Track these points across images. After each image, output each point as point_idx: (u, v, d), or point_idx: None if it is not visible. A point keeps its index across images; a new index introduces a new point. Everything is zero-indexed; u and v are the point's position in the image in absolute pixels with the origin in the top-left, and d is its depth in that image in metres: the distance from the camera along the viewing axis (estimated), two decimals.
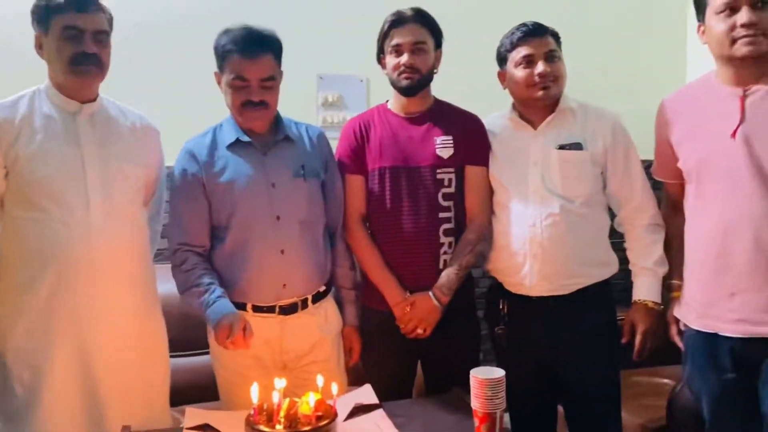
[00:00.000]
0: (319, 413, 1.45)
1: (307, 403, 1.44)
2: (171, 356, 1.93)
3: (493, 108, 2.05)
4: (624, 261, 1.96)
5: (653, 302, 1.87)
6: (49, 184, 1.63)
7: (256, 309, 1.81)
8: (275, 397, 1.43)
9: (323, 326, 1.89)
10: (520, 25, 1.91)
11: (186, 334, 2.26)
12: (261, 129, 1.84)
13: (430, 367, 2.05)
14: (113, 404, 1.69)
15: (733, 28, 1.55)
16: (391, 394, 1.87)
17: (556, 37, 1.92)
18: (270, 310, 1.81)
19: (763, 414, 1.57)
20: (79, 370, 1.66)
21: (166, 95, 2.67)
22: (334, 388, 1.51)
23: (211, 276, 1.78)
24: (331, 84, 2.87)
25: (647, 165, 1.91)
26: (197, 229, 1.81)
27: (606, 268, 1.94)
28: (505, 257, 1.93)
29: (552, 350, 1.90)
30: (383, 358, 1.97)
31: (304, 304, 1.84)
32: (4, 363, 1.65)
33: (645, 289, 1.89)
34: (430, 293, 1.89)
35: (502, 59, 1.96)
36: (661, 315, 1.86)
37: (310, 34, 2.78)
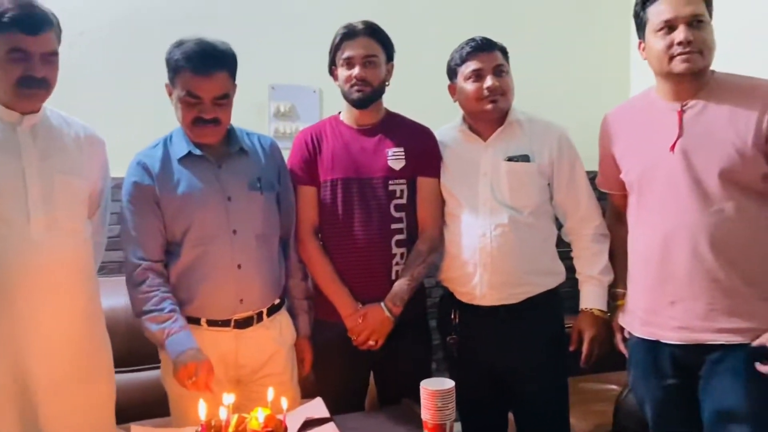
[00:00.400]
0: (269, 428, 1.43)
1: (256, 418, 1.42)
2: (118, 372, 1.88)
3: (445, 120, 2.09)
4: (571, 270, 2.00)
5: (599, 310, 1.91)
6: None
7: (211, 323, 1.78)
8: (223, 413, 1.41)
9: (278, 339, 1.87)
10: (470, 40, 1.95)
11: (133, 348, 2.22)
12: (213, 142, 1.81)
13: (382, 379, 2.05)
14: (55, 425, 1.62)
15: (670, 45, 1.60)
16: (343, 406, 1.87)
17: (504, 52, 1.97)
18: (225, 324, 1.78)
19: (703, 420, 1.62)
20: (16, 388, 1.59)
21: (112, 105, 2.61)
22: (284, 402, 1.49)
23: (172, 301, 1.73)
24: (284, 94, 2.86)
25: (592, 176, 1.96)
26: (154, 243, 1.76)
27: (553, 276, 1.98)
28: (456, 267, 1.96)
29: (502, 359, 1.93)
30: (336, 371, 1.96)
31: (260, 317, 1.83)
32: None
33: (591, 298, 1.93)
34: (382, 304, 1.89)
35: (452, 73, 1.99)
36: (607, 323, 1.90)
37: (263, 44, 2.76)
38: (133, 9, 2.67)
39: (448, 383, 1.49)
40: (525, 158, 1.93)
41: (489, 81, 1.89)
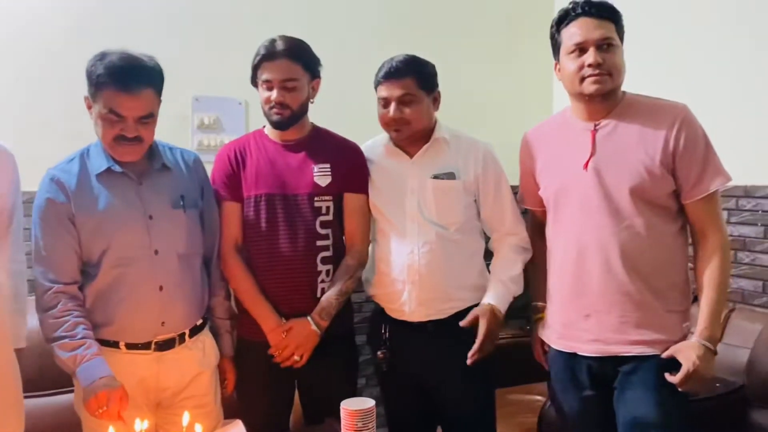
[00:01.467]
0: None
1: None
2: (29, 396, 1.81)
3: (372, 133, 2.07)
4: None
5: (499, 310, 1.89)
6: None
7: (130, 346, 1.71)
8: None
9: (202, 360, 1.82)
10: (386, 62, 1.93)
11: (45, 371, 2.10)
12: (134, 160, 1.73)
13: (307, 396, 2.02)
14: None
15: (581, 67, 1.66)
16: (267, 426, 1.84)
17: (422, 76, 1.92)
18: (145, 347, 1.71)
19: (618, 430, 1.67)
20: None
21: (21, 116, 2.49)
22: (198, 428, 1.44)
23: (85, 326, 1.64)
24: (208, 106, 2.80)
25: (516, 191, 2.00)
26: (67, 265, 1.66)
27: (481, 291, 1.98)
28: (386, 284, 1.96)
29: (430, 372, 1.94)
30: (259, 390, 1.93)
31: (182, 338, 1.77)
32: None
33: (494, 296, 1.89)
34: (309, 318, 1.87)
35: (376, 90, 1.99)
36: (501, 323, 1.89)
37: (187, 54, 2.70)
38: (45, 18, 2.56)
39: (369, 402, 1.48)
40: (451, 176, 1.95)
41: (391, 111, 1.89)
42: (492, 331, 1.85)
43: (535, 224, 1.97)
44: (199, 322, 1.83)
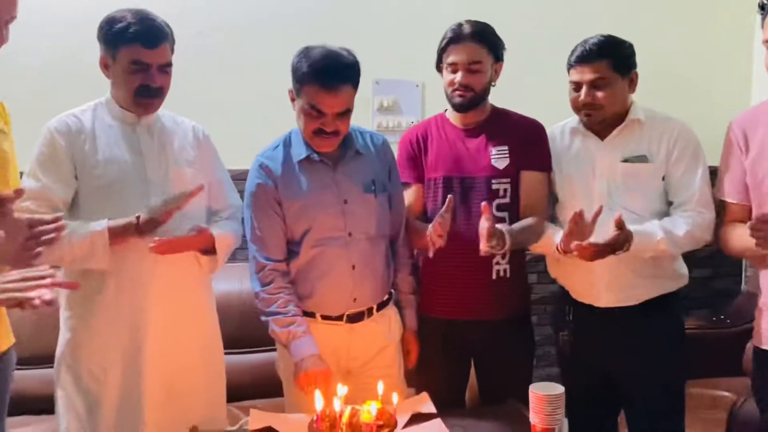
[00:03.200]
0: (380, 422, 1.48)
1: (369, 411, 1.48)
2: (230, 353, 2.02)
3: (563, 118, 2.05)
4: (693, 273, 1.93)
5: (631, 234, 1.74)
6: (114, 189, 1.72)
7: (325, 318, 1.85)
8: (336, 405, 1.47)
9: (387, 334, 1.93)
10: (579, 44, 1.88)
11: (244, 332, 2.35)
12: (329, 150, 1.84)
13: (483, 374, 2.06)
14: (181, 403, 1.78)
15: None
16: (444, 400, 1.89)
17: (615, 59, 1.85)
18: (338, 318, 1.85)
19: None
20: (134, 370, 1.75)
21: (225, 102, 2.74)
22: (395, 397, 1.54)
23: (295, 304, 1.80)
24: (387, 89, 2.90)
25: (713, 170, 1.87)
26: (277, 243, 1.82)
27: (674, 280, 1.93)
28: (572, 266, 1.93)
29: (615, 360, 1.90)
30: (435, 365, 1.99)
31: (370, 312, 1.88)
32: (78, 363, 1.76)
33: (639, 227, 1.79)
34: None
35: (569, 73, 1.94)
36: (623, 247, 1.74)
37: (367, 39, 2.79)
38: (247, 9, 2.78)
39: (558, 388, 1.48)
40: (642, 159, 1.88)
41: (582, 95, 1.86)
42: (610, 245, 1.73)
43: (731, 217, 1.81)
44: (386, 297, 1.93)
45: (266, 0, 2.80)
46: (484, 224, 1.68)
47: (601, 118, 1.88)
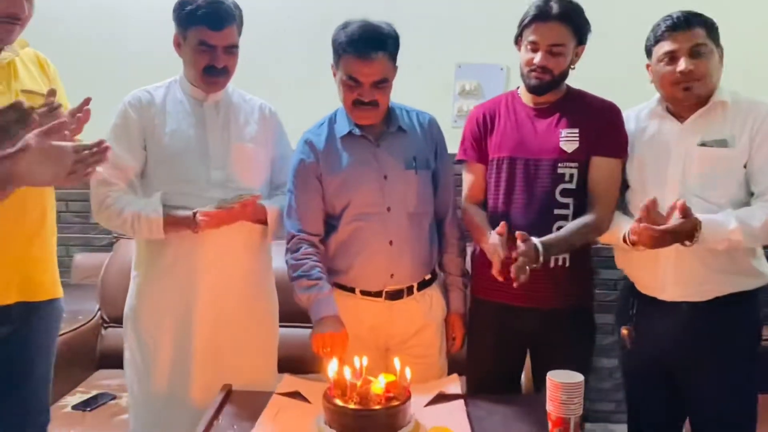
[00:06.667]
0: (391, 394, 1.47)
1: (378, 383, 1.48)
2: (285, 326, 2.07)
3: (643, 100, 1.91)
4: None
5: (699, 222, 1.62)
6: (177, 160, 1.84)
7: (364, 293, 1.87)
8: (348, 375, 1.48)
9: (427, 313, 1.91)
10: (667, 16, 1.75)
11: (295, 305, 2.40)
12: (371, 124, 1.86)
13: (538, 363, 1.97)
14: (228, 365, 1.87)
15: None
16: (495, 386, 1.86)
17: (709, 28, 1.72)
18: (377, 294, 1.86)
19: None
20: (185, 332, 1.86)
21: (316, 90, 2.82)
22: (408, 372, 1.52)
23: (320, 269, 1.82)
24: (470, 73, 2.85)
25: None
26: (312, 218, 1.86)
27: (751, 277, 1.75)
28: (637, 258, 1.81)
29: (681, 359, 1.79)
30: (488, 350, 1.94)
31: (410, 290, 1.88)
32: (139, 321, 1.90)
33: (709, 216, 1.65)
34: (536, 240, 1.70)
35: (648, 52, 1.82)
36: (691, 234, 1.62)
37: (450, 23, 2.78)
38: None
39: (577, 377, 1.40)
40: (722, 143, 1.72)
41: (682, 64, 1.70)
42: (672, 232, 1.60)
43: None
44: (428, 277, 1.91)
45: None
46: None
47: (700, 92, 1.72)
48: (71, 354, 2.54)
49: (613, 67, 2.48)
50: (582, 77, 1.89)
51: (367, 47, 1.71)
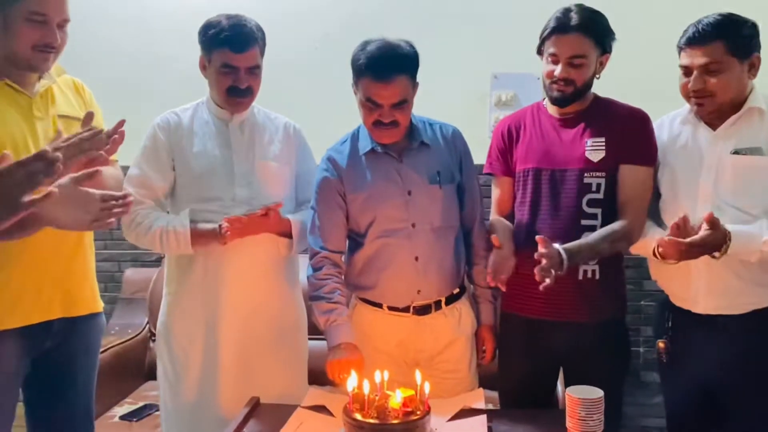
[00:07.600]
0: (409, 409, 1.47)
1: (395, 397, 1.48)
2: (313, 338, 2.08)
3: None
4: None
5: (730, 235, 1.59)
6: (204, 179, 1.90)
7: (391, 309, 1.87)
8: (366, 388, 1.49)
9: (456, 327, 1.90)
10: (692, 24, 1.70)
11: None
12: (390, 141, 1.85)
13: (570, 379, 1.92)
14: (257, 378, 1.91)
15: None
16: (523, 400, 1.83)
17: (733, 38, 1.65)
18: (405, 310, 1.86)
19: None
20: (213, 345, 1.90)
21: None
22: (427, 386, 1.52)
23: (340, 292, 1.83)
24: (506, 83, 2.83)
25: None
26: (335, 234, 1.86)
27: None
28: (670, 269, 1.75)
29: (718, 374, 1.72)
30: (519, 365, 1.91)
31: (438, 305, 1.87)
32: (170, 336, 1.96)
33: (739, 227, 1.61)
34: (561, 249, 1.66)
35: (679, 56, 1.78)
36: (721, 244, 1.59)
37: (486, 33, 2.77)
38: (371, 10, 2.88)
39: (596, 393, 1.37)
40: (756, 151, 1.67)
41: (692, 82, 1.68)
42: (699, 245, 1.57)
43: None
44: (456, 291, 1.90)
45: (392, 3, 2.86)
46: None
47: (714, 108, 1.69)
48: (121, 366, 2.66)
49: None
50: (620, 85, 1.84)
51: (386, 70, 1.71)
